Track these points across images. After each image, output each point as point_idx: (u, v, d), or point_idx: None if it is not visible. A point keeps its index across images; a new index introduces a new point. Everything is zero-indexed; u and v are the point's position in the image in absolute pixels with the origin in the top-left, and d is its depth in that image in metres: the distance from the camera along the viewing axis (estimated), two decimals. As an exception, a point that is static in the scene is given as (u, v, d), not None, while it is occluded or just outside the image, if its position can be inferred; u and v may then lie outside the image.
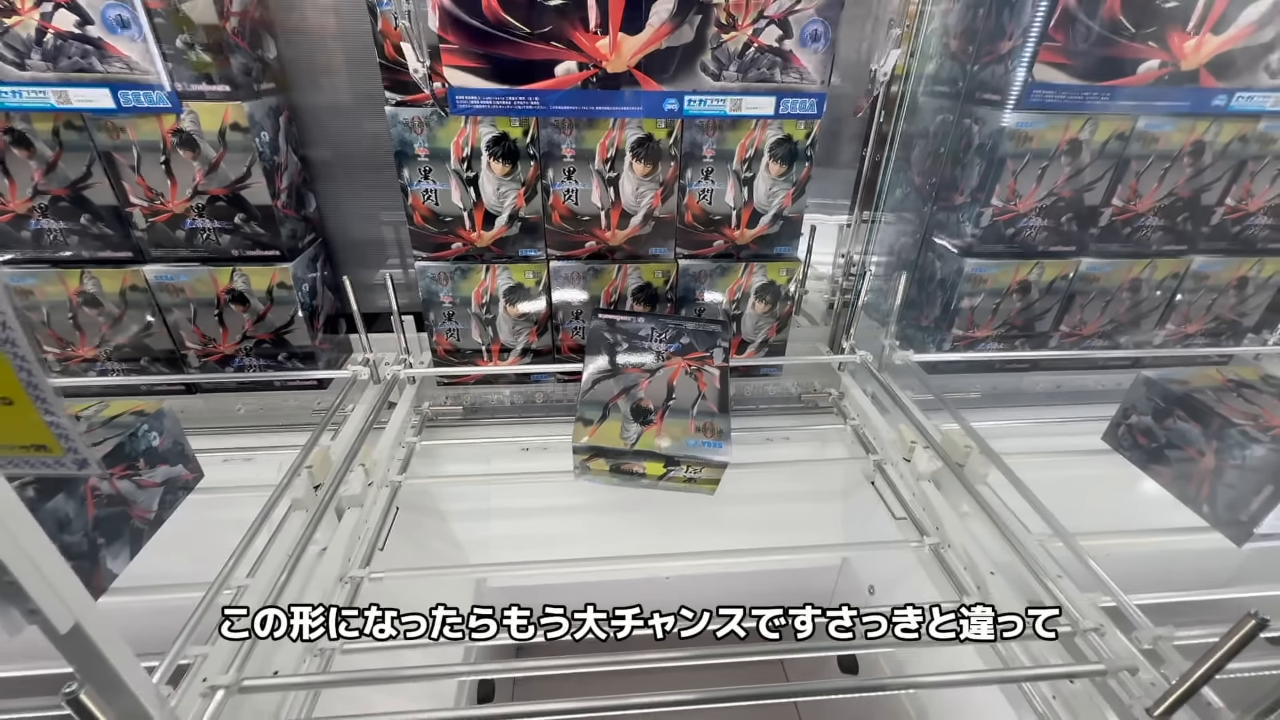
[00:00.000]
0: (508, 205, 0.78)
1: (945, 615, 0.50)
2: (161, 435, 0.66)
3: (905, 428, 0.78)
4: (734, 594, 0.94)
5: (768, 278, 0.85)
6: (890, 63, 0.74)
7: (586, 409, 0.69)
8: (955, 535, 0.67)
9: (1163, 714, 0.43)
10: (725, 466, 0.67)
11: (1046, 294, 0.90)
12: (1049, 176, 0.81)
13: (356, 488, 0.68)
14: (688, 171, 0.78)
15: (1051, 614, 0.50)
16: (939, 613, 0.50)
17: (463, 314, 0.84)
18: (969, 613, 0.50)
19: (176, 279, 0.78)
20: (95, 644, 0.34)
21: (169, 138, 0.70)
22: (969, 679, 0.54)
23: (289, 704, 0.49)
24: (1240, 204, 0.86)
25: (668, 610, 0.55)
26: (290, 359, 0.86)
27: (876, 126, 0.88)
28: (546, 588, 0.86)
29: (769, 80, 0.71)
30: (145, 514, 0.63)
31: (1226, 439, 0.67)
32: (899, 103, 0.85)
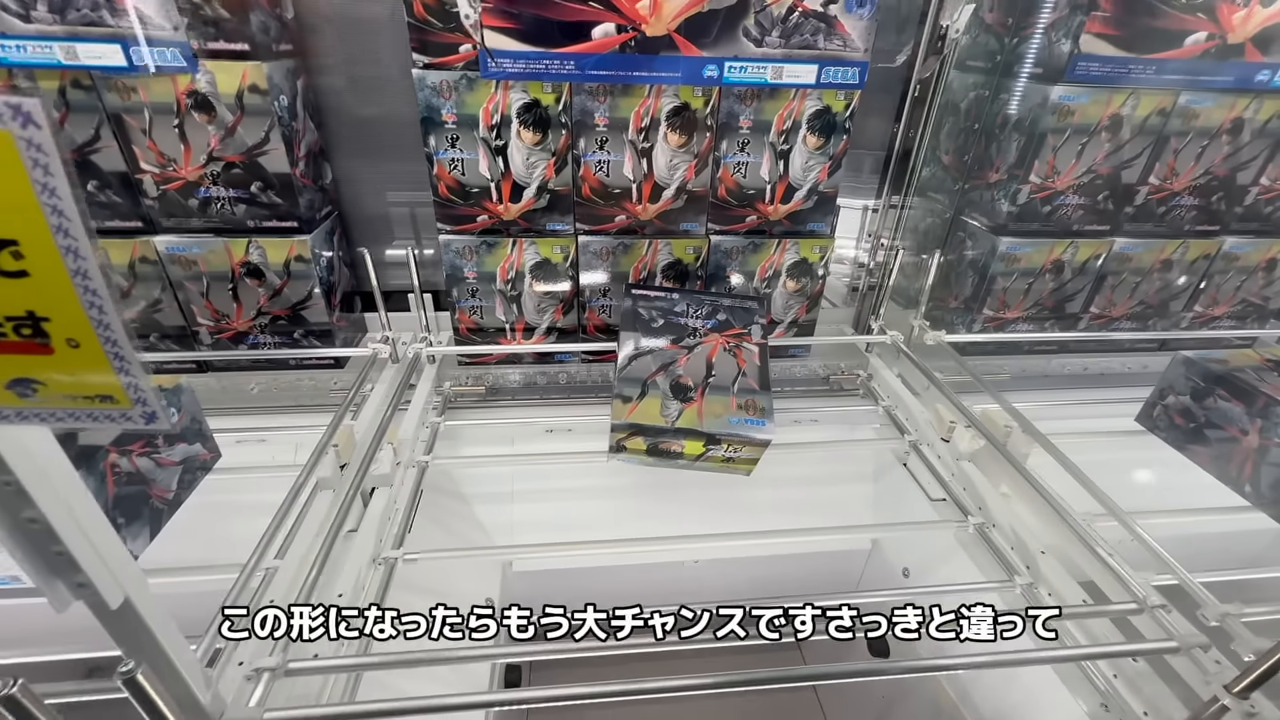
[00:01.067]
0: (537, 176, 0.75)
1: (945, 615, 0.46)
2: (180, 412, 0.63)
3: (943, 407, 0.77)
4: (762, 579, 0.93)
5: (800, 255, 0.83)
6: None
7: (625, 386, 0.66)
8: (1000, 515, 0.66)
9: (1243, 690, 0.42)
10: (767, 445, 0.65)
11: (1079, 274, 0.88)
12: (1089, 153, 0.79)
13: (386, 467, 0.65)
14: (723, 143, 0.76)
15: (1051, 614, 0.47)
16: (939, 613, 0.46)
17: (487, 290, 0.82)
18: (969, 612, 0.47)
19: (189, 251, 0.75)
20: (145, 622, 0.31)
21: (183, 99, 0.67)
22: (1023, 658, 0.53)
23: (330, 687, 0.47)
24: (1275, 183, 0.86)
25: (694, 596, 0.54)
26: (307, 337, 0.83)
27: (912, 101, 0.86)
28: (572, 571, 0.84)
29: (811, 47, 0.69)
30: (164, 493, 0.60)
31: (1272, 418, 0.66)
32: (937, 75, 0.83)
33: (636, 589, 0.90)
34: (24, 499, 0.26)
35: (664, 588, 0.90)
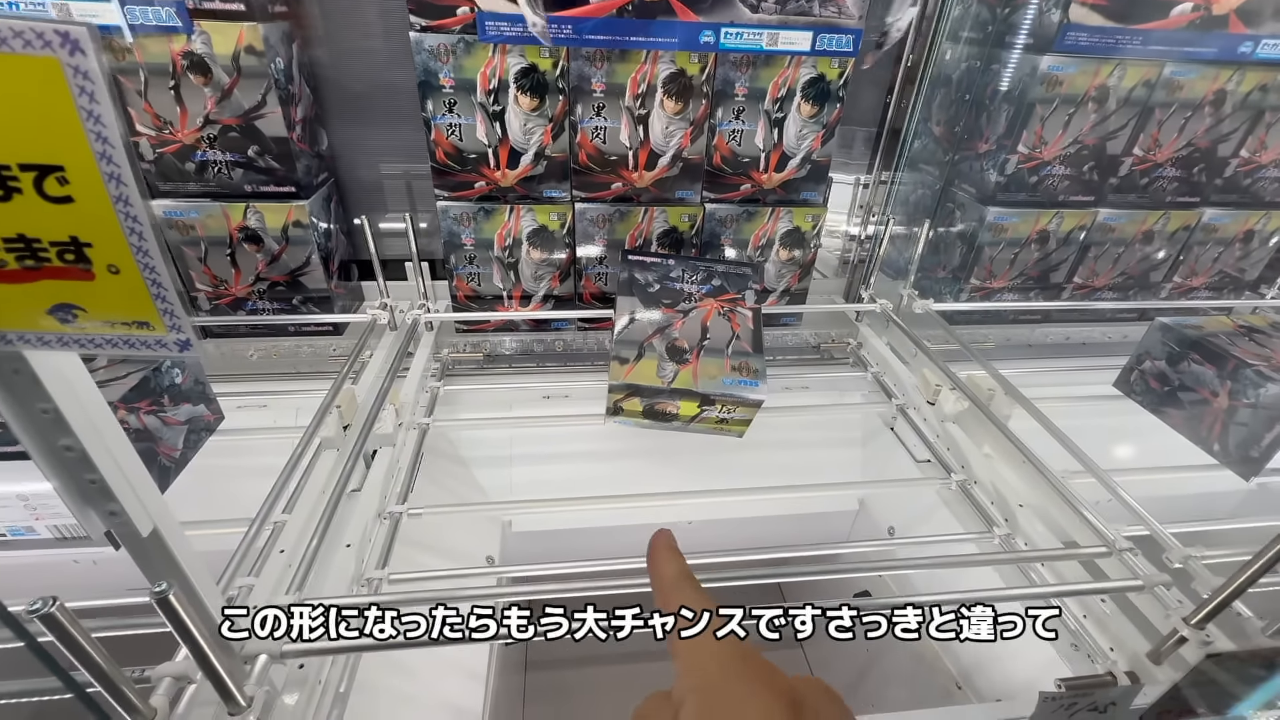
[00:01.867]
0: (534, 142, 0.76)
1: (945, 615, 0.46)
2: (184, 373, 0.64)
3: (929, 372, 0.79)
4: (754, 538, 0.96)
5: (793, 223, 0.85)
6: (906, 20, 0.72)
7: (622, 348, 0.68)
8: (982, 472, 0.68)
9: (1200, 621, 0.45)
10: (760, 406, 0.67)
11: (1064, 244, 0.91)
12: (1075, 123, 0.81)
13: (389, 426, 0.67)
14: (718, 110, 0.76)
15: (1052, 614, 0.45)
16: (939, 612, 0.47)
17: (484, 257, 0.83)
18: (969, 612, 0.46)
19: (186, 215, 0.75)
20: (172, 552, 0.33)
21: (179, 60, 0.66)
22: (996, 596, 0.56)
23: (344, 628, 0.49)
24: (1254, 155, 0.88)
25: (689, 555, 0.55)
26: (305, 303, 0.83)
27: (904, 71, 0.87)
28: (570, 531, 0.86)
29: (807, 14, 0.70)
30: (171, 451, 0.62)
31: (1240, 379, 0.69)
32: (928, 47, 0.84)
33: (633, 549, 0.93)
34: (62, 427, 0.27)
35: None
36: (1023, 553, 0.58)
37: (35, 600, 0.29)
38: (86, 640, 0.31)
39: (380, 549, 0.58)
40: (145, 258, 0.22)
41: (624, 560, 0.55)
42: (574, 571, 0.54)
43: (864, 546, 0.63)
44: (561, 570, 0.55)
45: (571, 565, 0.55)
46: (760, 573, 0.53)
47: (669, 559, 0.30)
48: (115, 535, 0.32)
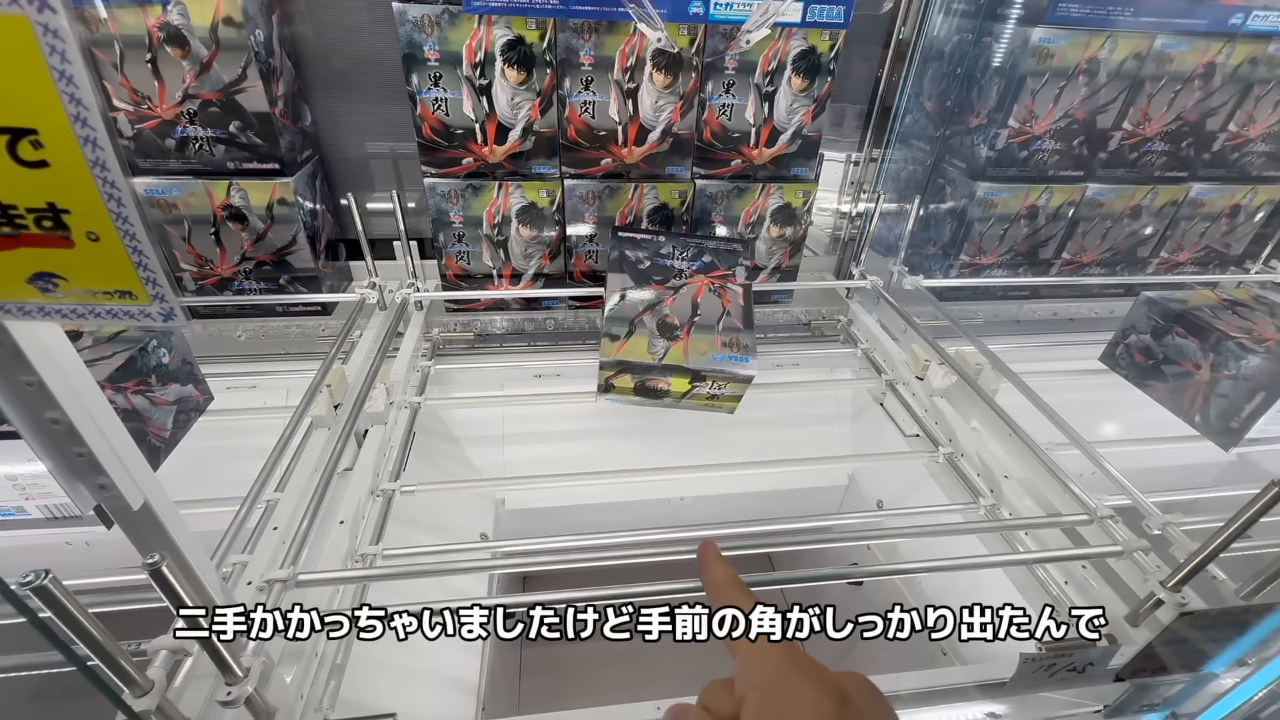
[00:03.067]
0: (522, 117, 0.75)
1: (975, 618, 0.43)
2: (171, 353, 0.63)
3: (919, 347, 0.80)
4: (744, 513, 0.97)
5: (784, 200, 0.84)
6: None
7: (613, 325, 0.68)
8: (968, 445, 0.69)
9: (1177, 584, 0.46)
10: (750, 381, 0.68)
11: (1053, 220, 0.91)
12: (1066, 97, 0.81)
13: (379, 405, 0.67)
14: (708, 84, 0.76)
15: (1095, 613, 0.43)
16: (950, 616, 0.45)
17: (473, 235, 0.82)
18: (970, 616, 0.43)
19: (169, 193, 0.73)
20: (164, 525, 0.33)
21: (155, 32, 0.65)
22: (980, 563, 0.58)
23: (338, 600, 0.49)
24: (1242, 130, 0.88)
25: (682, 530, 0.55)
26: (293, 283, 0.83)
27: (895, 45, 0.86)
28: (563, 508, 0.87)
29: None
30: (161, 431, 0.61)
31: (1223, 351, 0.70)
32: (920, 20, 0.83)
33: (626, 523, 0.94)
34: (47, 399, 0.27)
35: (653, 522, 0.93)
36: (1007, 521, 0.60)
37: (28, 573, 0.29)
38: (81, 613, 0.31)
39: (374, 525, 0.58)
40: (125, 224, 0.22)
41: (618, 533, 0.56)
42: (567, 545, 0.55)
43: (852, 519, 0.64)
44: (554, 544, 0.56)
45: (564, 539, 0.56)
46: (750, 543, 0.54)
47: (719, 565, 0.35)
48: (106, 510, 0.32)
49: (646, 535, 0.57)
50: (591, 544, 0.56)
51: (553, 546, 0.56)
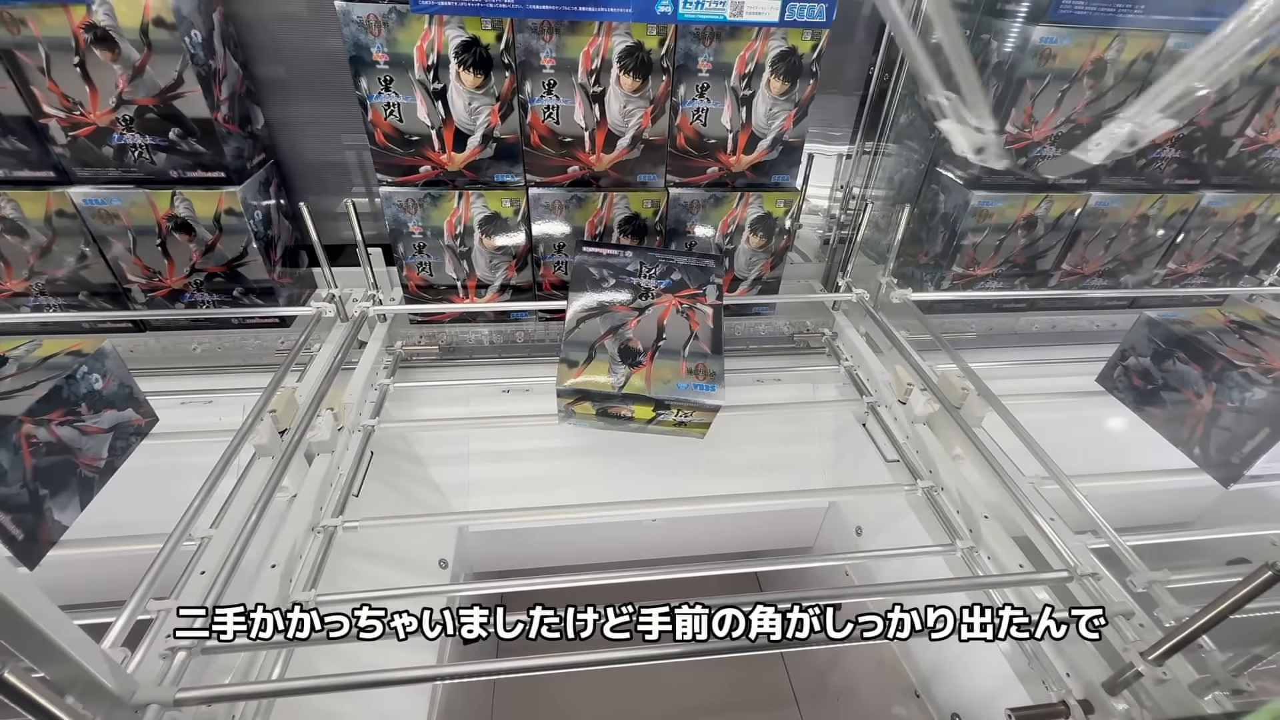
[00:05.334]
0: (481, 123, 0.70)
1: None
2: (105, 377, 0.60)
3: (901, 369, 0.76)
4: (720, 538, 0.94)
5: (764, 209, 0.80)
6: None
7: (571, 349, 0.64)
8: (949, 479, 0.65)
9: (1158, 658, 0.43)
10: (717, 410, 0.64)
11: (1052, 230, 0.86)
12: (1069, 100, 0.75)
13: (325, 433, 0.63)
14: (680, 87, 0.70)
15: (1095, 613, 0.46)
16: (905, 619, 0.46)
17: (435, 246, 0.78)
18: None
19: (109, 203, 0.70)
20: (20, 611, 0.30)
21: (80, 34, 0.60)
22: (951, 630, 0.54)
23: (261, 661, 0.47)
24: (1260, 135, 0.82)
25: (654, 554, 0.54)
26: (247, 294, 0.79)
27: (888, 41, 0.80)
28: (531, 531, 0.84)
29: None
30: (94, 461, 0.59)
31: (1226, 381, 0.66)
32: (915, 13, 0.77)
33: (595, 549, 0.92)
34: None
35: (624, 545, 0.91)
36: (982, 579, 0.56)
37: None
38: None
39: (310, 567, 0.55)
40: None
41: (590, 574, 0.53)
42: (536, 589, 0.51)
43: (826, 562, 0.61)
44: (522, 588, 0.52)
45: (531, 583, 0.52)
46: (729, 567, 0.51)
47: None
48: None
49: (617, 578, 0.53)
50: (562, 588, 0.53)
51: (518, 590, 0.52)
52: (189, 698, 0.38)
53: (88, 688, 0.34)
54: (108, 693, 0.35)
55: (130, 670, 0.39)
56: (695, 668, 0.45)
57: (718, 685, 1.09)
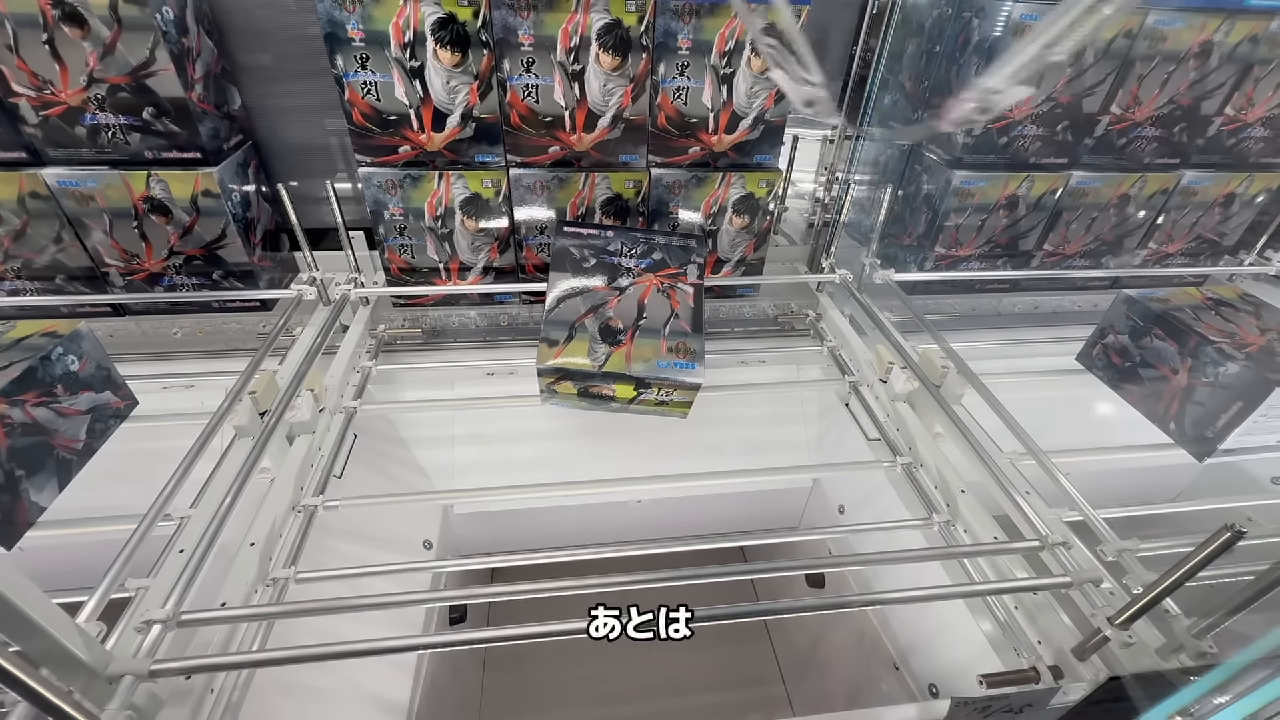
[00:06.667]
0: (460, 102, 0.70)
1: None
2: (81, 359, 0.60)
3: (883, 348, 0.76)
4: (705, 517, 0.95)
5: (746, 189, 0.79)
6: None
7: (551, 329, 0.64)
8: (928, 455, 0.66)
9: (1124, 622, 0.43)
10: (698, 388, 0.64)
11: (1034, 210, 0.86)
12: (1048, 79, 0.75)
13: (306, 414, 0.63)
14: (661, 66, 0.70)
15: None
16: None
17: (415, 228, 0.77)
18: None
19: (84, 184, 0.69)
20: None
21: (48, 10, 0.59)
22: (934, 594, 0.55)
23: (240, 636, 0.47)
24: (1239, 114, 0.82)
25: (639, 534, 0.54)
26: (227, 277, 0.79)
27: (869, 18, 0.80)
28: (516, 512, 0.85)
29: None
30: (72, 443, 0.58)
31: (1201, 356, 0.66)
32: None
33: (581, 529, 0.92)
34: None
35: (610, 527, 0.92)
36: (957, 549, 0.57)
37: None
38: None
39: (290, 546, 0.55)
40: None
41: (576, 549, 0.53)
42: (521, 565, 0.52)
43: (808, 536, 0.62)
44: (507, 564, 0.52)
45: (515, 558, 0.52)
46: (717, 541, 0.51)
47: None
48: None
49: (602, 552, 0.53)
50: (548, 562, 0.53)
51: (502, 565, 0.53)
52: (164, 669, 0.38)
53: (62, 660, 0.34)
54: (83, 665, 0.35)
55: (109, 646, 0.39)
56: (684, 647, 0.46)
57: (706, 664, 1.11)
